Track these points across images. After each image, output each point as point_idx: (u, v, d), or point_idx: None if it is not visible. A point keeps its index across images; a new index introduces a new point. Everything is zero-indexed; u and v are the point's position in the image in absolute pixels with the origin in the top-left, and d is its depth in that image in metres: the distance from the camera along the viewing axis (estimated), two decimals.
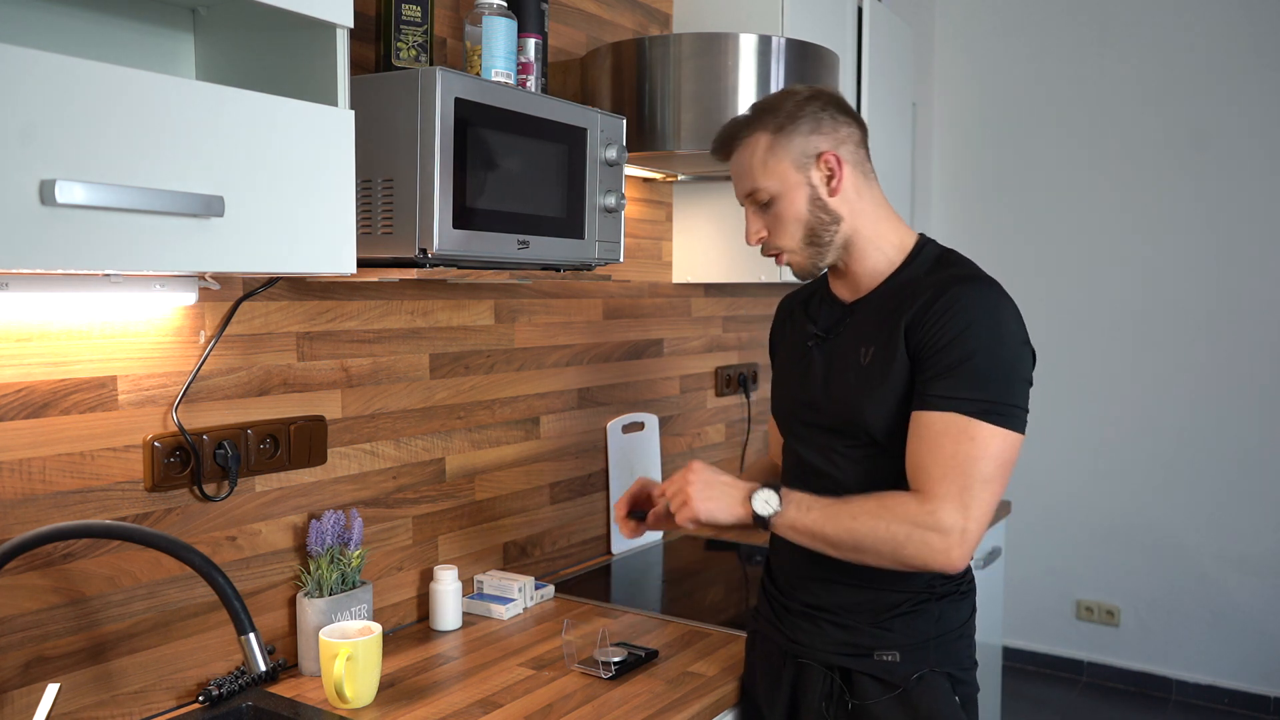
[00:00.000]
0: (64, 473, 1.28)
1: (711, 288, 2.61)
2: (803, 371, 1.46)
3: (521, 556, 2.03)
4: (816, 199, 1.36)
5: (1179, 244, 3.60)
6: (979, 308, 1.27)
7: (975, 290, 1.29)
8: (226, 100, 1.04)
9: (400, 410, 1.75)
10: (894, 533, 1.23)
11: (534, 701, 1.44)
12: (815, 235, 1.37)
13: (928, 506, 1.23)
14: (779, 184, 1.36)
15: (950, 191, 4.03)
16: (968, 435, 1.23)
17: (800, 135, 1.35)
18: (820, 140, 1.36)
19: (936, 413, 1.25)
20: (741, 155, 1.39)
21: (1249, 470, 3.51)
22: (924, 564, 1.24)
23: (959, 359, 1.25)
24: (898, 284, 1.38)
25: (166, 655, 1.40)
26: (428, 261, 1.40)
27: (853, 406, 1.36)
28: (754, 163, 1.37)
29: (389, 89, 1.39)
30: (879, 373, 1.33)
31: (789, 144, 1.35)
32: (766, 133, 1.36)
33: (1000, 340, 1.27)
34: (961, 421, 1.24)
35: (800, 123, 1.35)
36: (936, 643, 1.36)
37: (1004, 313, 1.28)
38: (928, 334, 1.27)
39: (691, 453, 2.59)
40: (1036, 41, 3.81)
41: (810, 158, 1.35)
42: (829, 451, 1.41)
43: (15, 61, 0.86)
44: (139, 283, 1.28)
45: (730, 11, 2.31)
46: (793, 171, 1.35)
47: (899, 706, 1.34)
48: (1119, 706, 3.59)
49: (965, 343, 1.25)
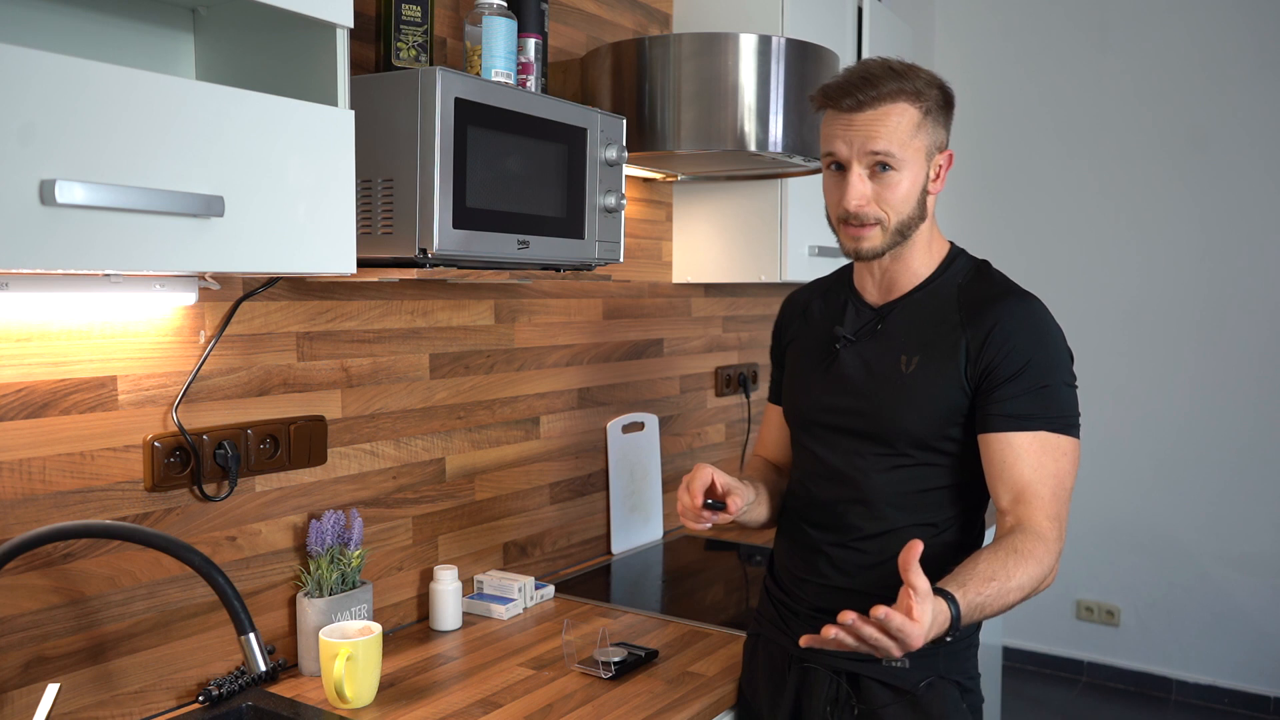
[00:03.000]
0: (64, 473, 1.28)
1: (711, 288, 2.61)
2: (826, 373, 1.43)
3: (521, 556, 2.03)
4: (924, 191, 1.36)
5: (1177, 243, 3.60)
6: (1041, 328, 1.32)
7: (1033, 309, 1.34)
8: (226, 100, 1.04)
9: (400, 410, 1.75)
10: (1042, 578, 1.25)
11: (534, 701, 1.44)
12: (906, 224, 1.34)
13: (1051, 538, 1.26)
14: (911, 159, 1.32)
15: (949, 191, 4.02)
16: (1061, 451, 1.29)
17: (942, 127, 1.36)
18: (946, 138, 1.38)
19: (1029, 434, 1.29)
20: (885, 115, 1.31)
21: (1248, 470, 3.51)
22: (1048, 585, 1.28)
23: (1039, 381, 1.29)
24: (932, 292, 1.38)
25: (166, 655, 1.40)
26: (428, 261, 1.40)
27: (891, 415, 1.35)
28: (899, 130, 1.31)
29: (389, 89, 1.39)
30: (924, 384, 1.33)
31: (933, 130, 1.34)
32: (918, 109, 1.32)
33: (1062, 356, 1.33)
34: (1054, 440, 1.29)
35: (947, 115, 1.37)
36: (946, 651, 1.35)
37: (1056, 328, 1.34)
38: (998, 358, 1.30)
39: (691, 453, 2.59)
40: (1036, 42, 3.81)
41: (937, 150, 1.36)
42: (854, 456, 1.39)
43: (15, 61, 0.86)
44: (139, 283, 1.28)
45: (730, 11, 2.31)
46: (923, 157, 1.34)
47: (910, 712, 1.34)
48: (1119, 706, 3.59)
49: (1040, 365, 1.30)
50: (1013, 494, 1.28)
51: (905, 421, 1.34)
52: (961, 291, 1.37)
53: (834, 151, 1.34)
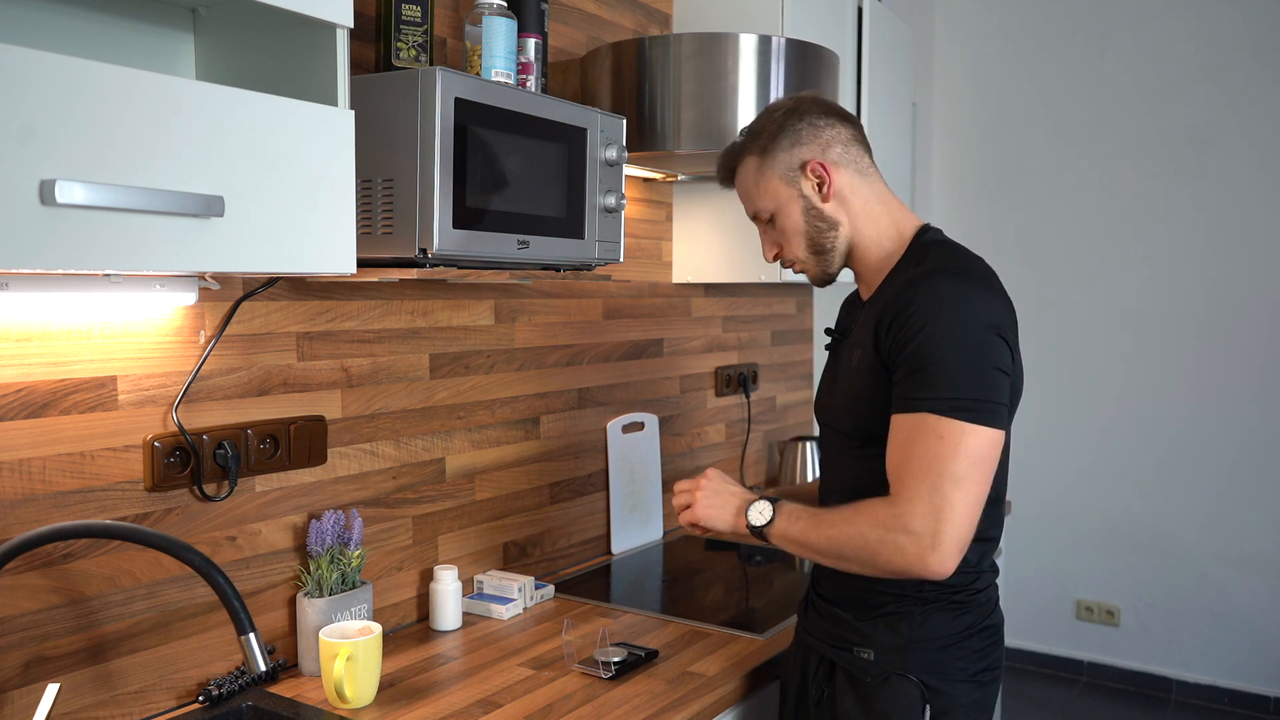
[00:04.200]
0: (64, 473, 1.28)
1: (711, 288, 2.61)
2: (826, 375, 1.51)
3: (521, 556, 2.03)
4: (811, 208, 1.39)
5: (1178, 243, 3.60)
6: (942, 302, 1.24)
7: (939, 284, 1.26)
8: (226, 100, 1.03)
9: (400, 410, 1.75)
10: (867, 538, 1.23)
11: (534, 701, 1.44)
12: (817, 244, 1.41)
13: (897, 509, 1.21)
14: (773, 201, 1.41)
15: (950, 191, 4.03)
16: (937, 434, 1.20)
17: (783, 151, 1.39)
18: (803, 151, 1.38)
19: (908, 414, 1.23)
20: (740, 180, 1.46)
21: (1249, 469, 3.51)
22: (901, 569, 1.21)
23: (925, 357, 1.22)
24: (891, 280, 1.38)
25: (166, 655, 1.40)
26: (428, 261, 1.40)
27: (844, 409, 1.39)
28: (749, 185, 1.43)
29: (389, 89, 1.39)
30: (861, 376, 1.34)
31: (774, 161, 1.39)
32: (754, 155, 1.42)
33: (965, 333, 1.23)
34: (931, 421, 1.20)
35: (781, 139, 1.39)
36: (915, 648, 1.33)
37: (971, 304, 1.24)
38: (896, 335, 1.26)
39: (691, 453, 2.59)
40: (1036, 42, 3.81)
41: (796, 170, 1.38)
42: (834, 450, 1.45)
43: (15, 61, 0.86)
44: (139, 283, 1.28)
45: (730, 11, 2.31)
46: (783, 187, 1.39)
47: (858, 705, 1.35)
48: (1119, 706, 3.58)
49: (929, 339, 1.22)
50: (888, 476, 1.25)
51: (854, 415, 1.36)
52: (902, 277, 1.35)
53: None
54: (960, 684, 1.35)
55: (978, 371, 1.22)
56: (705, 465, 2.64)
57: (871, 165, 1.42)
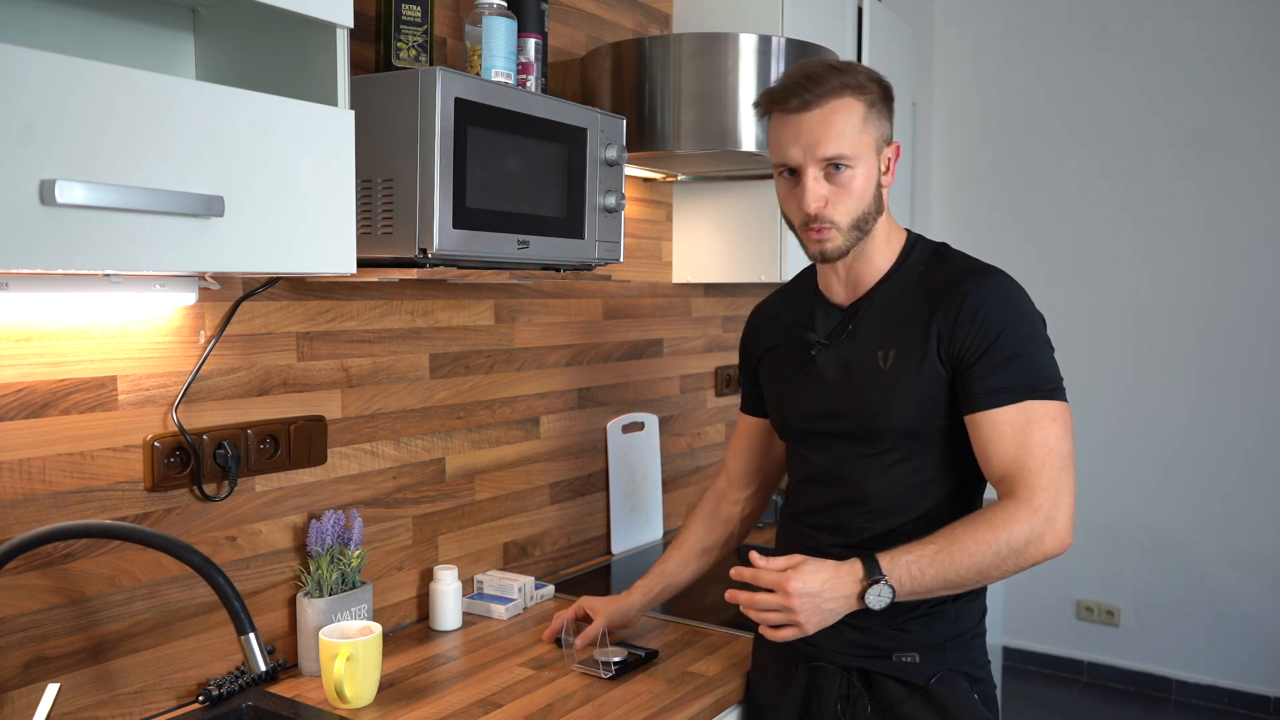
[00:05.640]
0: (64, 473, 1.28)
1: (711, 288, 2.61)
2: (805, 380, 1.43)
3: (521, 556, 2.03)
4: (878, 184, 1.36)
5: (1179, 243, 3.60)
6: (1009, 298, 1.31)
7: (998, 282, 1.32)
8: (226, 100, 1.04)
9: (400, 410, 1.75)
10: (1014, 546, 1.24)
11: (534, 701, 1.44)
12: (864, 220, 1.34)
13: (1033, 504, 1.24)
14: (862, 155, 1.31)
15: (950, 191, 4.03)
16: (1049, 418, 1.27)
17: (887, 119, 1.37)
18: (890, 130, 1.38)
19: (1010, 407, 1.27)
20: (833, 113, 1.30)
21: (1249, 470, 3.51)
22: (1042, 559, 1.26)
23: (1014, 352, 1.28)
24: (897, 282, 1.38)
25: (166, 655, 1.40)
26: (428, 261, 1.40)
27: (876, 413, 1.35)
28: (848, 127, 1.30)
29: (389, 89, 1.39)
30: (904, 377, 1.33)
31: (880, 122, 1.35)
32: (863, 103, 1.31)
33: (1034, 322, 1.31)
34: (1039, 407, 1.27)
35: (889, 105, 1.37)
36: (954, 643, 1.36)
37: (1024, 295, 1.33)
38: (970, 336, 1.29)
39: (691, 453, 2.59)
40: (1037, 42, 3.81)
41: (886, 142, 1.37)
42: (846, 458, 1.39)
43: (15, 61, 0.86)
44: (139, 283, 1.28)
45: (730, 11, 2.31)
46: (873, 151, 1.34)
47: (925, 706, 1.34)
48: (1119, 706, 3.58)
49: (1013, 335, 1.28)
50: (1001, 470, 1.28)
51: (891, 418, 1.34)
52: (923, 277, 1.36)
53: (786, 160, 1.33)
54: (986, 668, 1.41)
55: (1050, 353, 1.32)
56: (705, 465, 2.64)
57: None
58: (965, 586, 1.27)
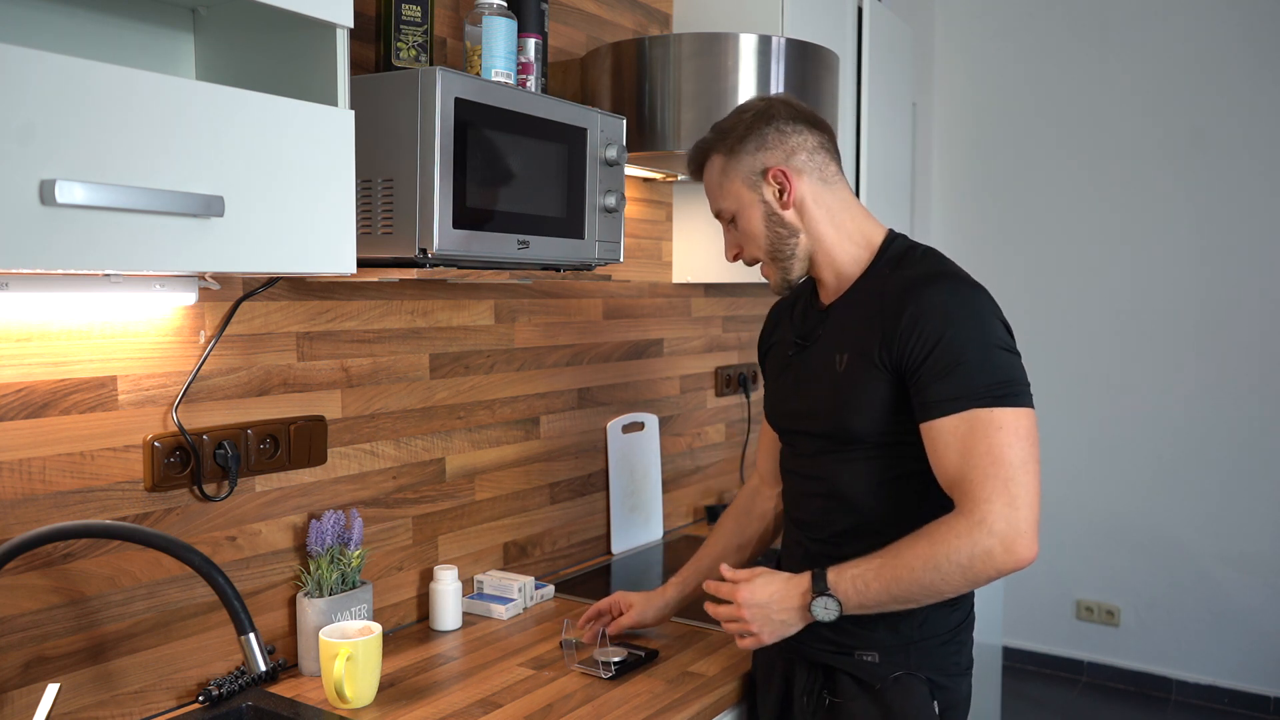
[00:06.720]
0: (64, 473, 1.28)
1: (711, 288, 2.61)
2: (788, 380, 1.47)
3: (521, 556, 2.03)
4: (772, 214, 1.39)
5: (1177, 243, 3.60)
6: (951, 306, 1.27)
7: (940, 289, 1.28)
8: (226, 100, 1.03)
9: (400, 410, 1.75)
10: (955, 561, 1.20)
11: (534, 701, 1.44)
12: (776, 250, 1.40)
13: (976, 516, 1.20)
14: (735, 203, 1.41)
15: (950, 191, 4.03)
16: (994, 425, 1.22)
17: (748, 154, 1.39)
18: (767, 156, 1.38)
19: (953, 416, 1.24)
20: (706, 177, 1.45)
21: (1249, 470, 3.51)
22: (996, 573, 1.21)
23: (953, 359, 1.24)
24: (865, 285, 1.38)
25: (166, 655, 1.40)
26: (428, 261, 1.40)
27: (834, 415, 1.36)
28: (712, 184, 1.43)
29: (389, 89, 1.39)
30: (854, 381, 1.33)
31: (739, 164, 1.39)
32: (720, 154, 1.41)
33: (981, 328, 1.26)
34: (983, 415, 1.22)
35: (747, 141, 1.39)
36: (918, 647, 1.35)
37: (974, 299, 1.28)
38: (909, 345, 1.27)
39: (691, 453, 2.59)
40: (1036, 42, 3.81)
41: (758, 175, 1.38)
42: (824, 459, 1.41)
43: (15, 61, 0.86)
44: (139, 283, 1.28)
45: (730, 11, 2.31)
46: (745, 190, 1.40)
47: (872, 706, 1.35)
48: (1119, 706, 3.58)
49: (952, 343, 1.24)
50: (947, 481, 1.26)
51: (846, 421, 1.34)
52: (884, 282, 1.36)
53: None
54: (957, 677, 1.39)
55: (1003, 358, 1.26)
56: (705, 465, 2.64)
57: (838, 173, 1.42)
58: (918, 601, 1.25)
